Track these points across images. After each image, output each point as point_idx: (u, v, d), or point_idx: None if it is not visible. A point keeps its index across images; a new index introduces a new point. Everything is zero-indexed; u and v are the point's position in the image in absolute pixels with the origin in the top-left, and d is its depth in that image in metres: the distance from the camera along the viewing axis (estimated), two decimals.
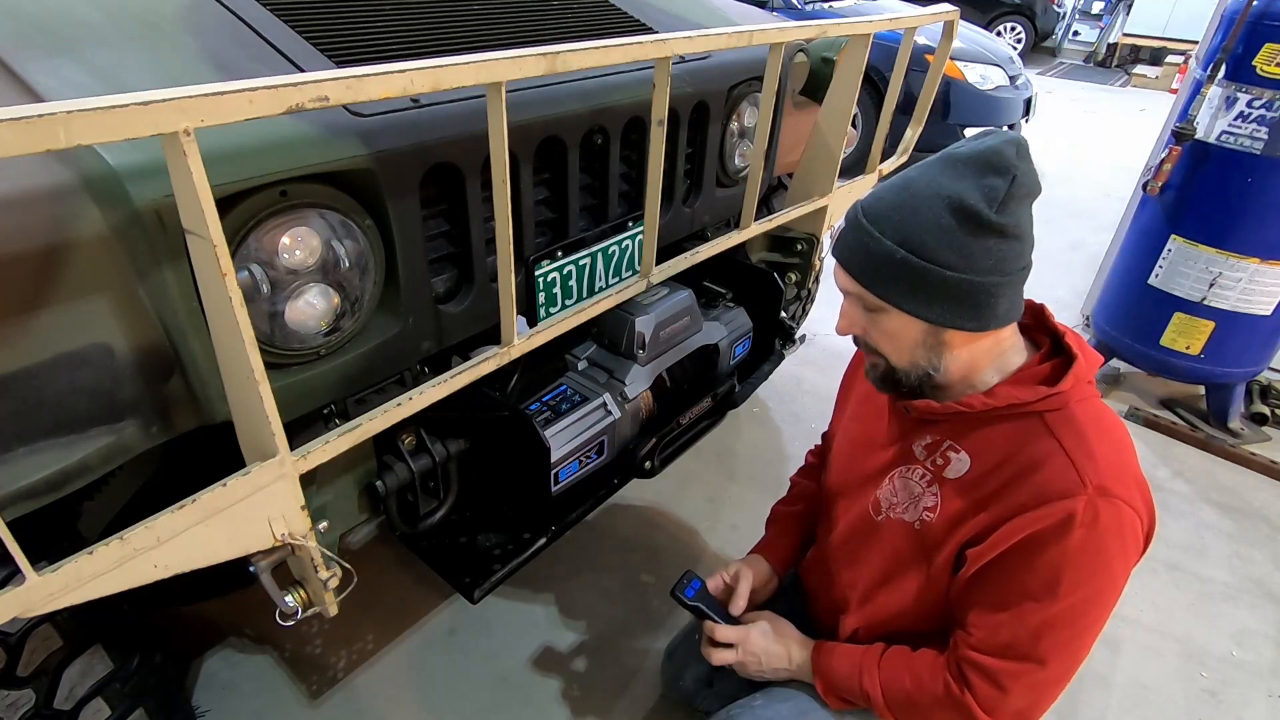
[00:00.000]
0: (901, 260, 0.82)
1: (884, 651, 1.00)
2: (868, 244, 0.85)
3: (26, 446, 0.73)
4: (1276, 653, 1.77)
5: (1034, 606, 0.84)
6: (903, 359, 0.91)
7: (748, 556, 1.30)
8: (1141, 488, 0.85)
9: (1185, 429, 2.53)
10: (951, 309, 0.83)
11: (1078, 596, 0.83)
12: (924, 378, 0.92)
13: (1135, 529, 0.83)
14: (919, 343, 0.88)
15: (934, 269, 0.81)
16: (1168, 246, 2.36)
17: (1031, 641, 0.86)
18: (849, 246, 0.87)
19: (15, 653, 0.99)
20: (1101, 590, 0.84)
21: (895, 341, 0.89)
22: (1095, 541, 0.81)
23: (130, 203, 0.72)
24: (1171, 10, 9.50)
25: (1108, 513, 0.80)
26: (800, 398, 2.60)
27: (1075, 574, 0.82)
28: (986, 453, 0.90)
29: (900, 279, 0.83)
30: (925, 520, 0.94)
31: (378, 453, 1.11)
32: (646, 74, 1.27)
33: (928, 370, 0.91)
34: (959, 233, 0.80)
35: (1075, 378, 0.87)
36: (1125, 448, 0.87)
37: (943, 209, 0.80)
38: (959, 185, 0.80)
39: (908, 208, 0.82)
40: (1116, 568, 0.83)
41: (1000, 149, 0.80)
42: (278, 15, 0.99)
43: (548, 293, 1.23)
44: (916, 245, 0.81)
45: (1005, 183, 0.79)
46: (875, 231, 0.84)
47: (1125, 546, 0.82)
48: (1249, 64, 2.08)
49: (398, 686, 1.57)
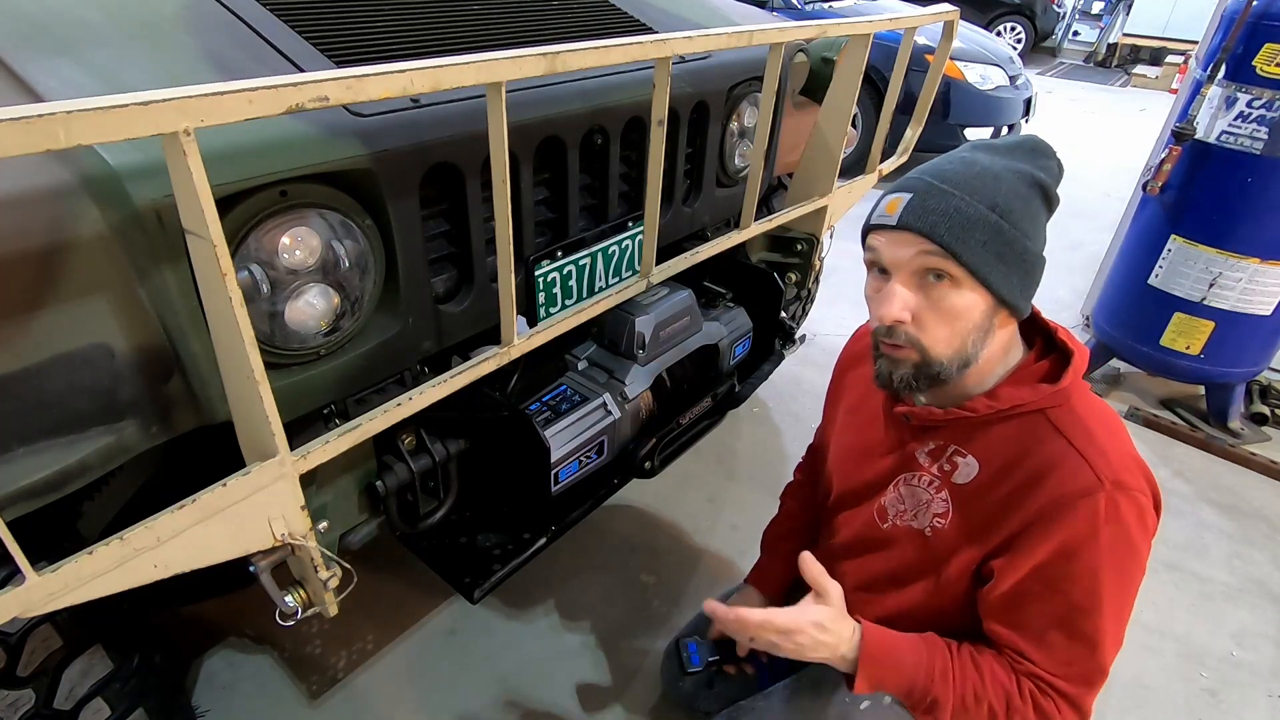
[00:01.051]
0: (994, 224, 0.81)
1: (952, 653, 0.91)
2: (958, 207, 0.80)
3: (26, 446, 0.73)
4: (1276, 653, 1.77)
5: (1084, 617, 0.85)
6: (952, 345, 0.85)
7: (741, 590, 1.32)
8: (1143, 469, 0.86)
9: (1185, 429, 2.53)
10: (1023, 283, 0.84)
11: (1119, 591, 0.84)
12: (957, 372, 0.87)
13: (1150, 512, 0.85)
14: (977, 324, 0.84)
15: (1020, 236, 0.82)
16: (1168, 246, 2.36)
17: (1090, 652, 0.86)
18: (931, 211, 0.81)
19: (15, 653, 0.99)
20: (1135, 576, 0.86)
21: (955, 322, 0.84)
22: (1123, 534, 0.82)
23: (130, 203, 0.72)
24: (1171, 10, 9.50)
25: (1126, 504, 0.81)
26: (800, 398, 2.60)
27: (1112, 572, 0.83)
28: (993, 456, 0.90)
29: (989, 244, 0.81)
30: (936, 527, 0.94)
31: (378, 453, 1.11)
32: (646, 74, 1.27)
33: (968, 360, 0.86)
34: (1035, 203, 0.83)
35: (1074, 373, 0.88)
36: (1122, 435, 0.88)
37: (1020, 180, 0.82)
38: (1023, 164, 0.83)
39: (989, 175, 0.82)
40: (1143, 551, 0.85)
41: (1037, 138, 0.85)
42: (278, 15, 0.99)
43: (548, 293, 1.23)
44: (1006, 210, 0.81)
45: (1056, 165, 0.84)
46: (963, 195, 0.81)
47: (1146, 531, 0.84)
48: (1249, 64, 2.08)
49: (398, 686, 1.57)
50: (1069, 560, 0.83)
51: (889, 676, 0.90)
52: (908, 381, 0.89)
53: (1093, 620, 0.84)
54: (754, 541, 1.40)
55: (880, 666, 0.89)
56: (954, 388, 0.92)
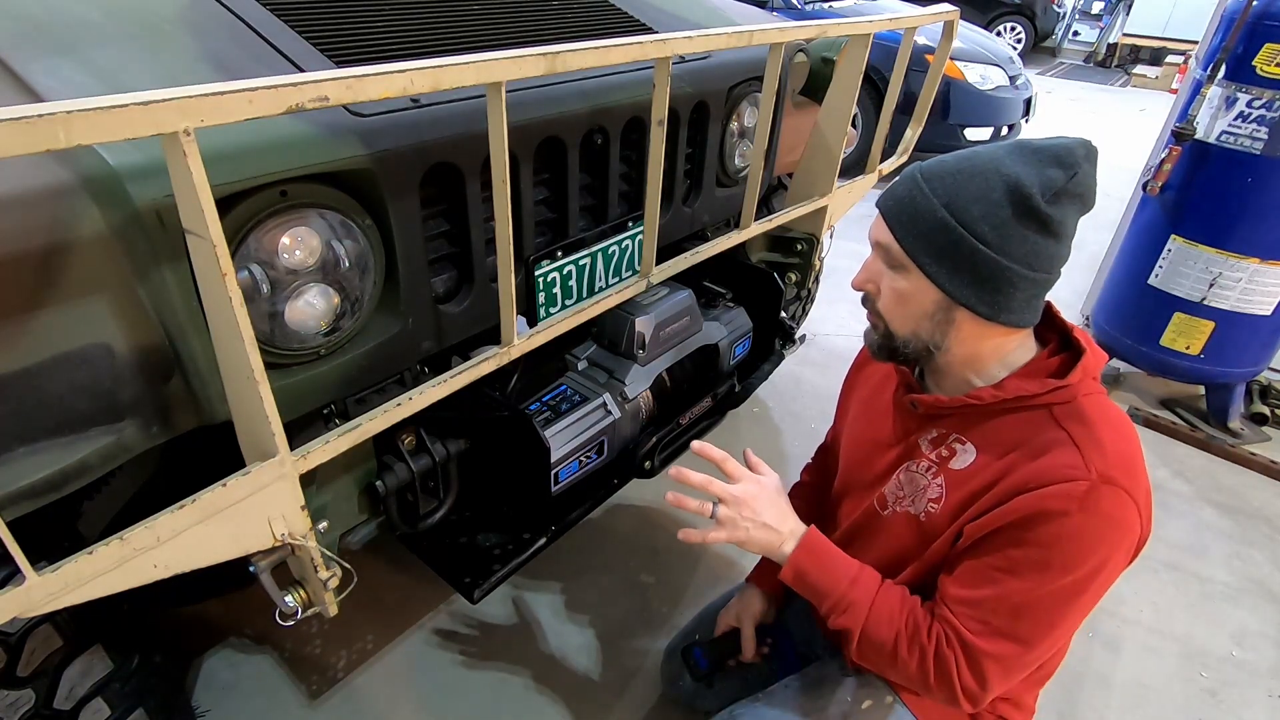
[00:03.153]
0: (940, 220, 0.83)
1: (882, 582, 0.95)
2: (914, 197, 0.85)
3: (26, 446, 0.73)
4: (1276, 653, 1.77)
5: (1021, 585, 0.83)
6: (906, 326, 0.90)
7: (743, 591, 1.32)
8: (1145, 487, 0.84)
9: (1185, 429, 2.53)
10: (971, 286, 0.84)
11: (1068, 575, 0.82)
12: (923, 352, 0.91)
13: (1133, 523, 0.82)
14: (927, 314, 0.88)
15: (968, 238, 0.82)
16: (1168, 246, 2.36)
17: (1013, 620, 0.85)
18: (895, 197, 0.88)
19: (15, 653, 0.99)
20: (1095, 572, 0.82)
21: (905, 306, 0.89)
22: (1092, 527, 0.80)
23: (130, 203, 0.72)
24: (1171, 10, 9.50)
25: (1109, 500, 0.80)
26: (800, 398, 2.60)
27: (1066, 556, 0.81)
28: (993, 445, 0.90)
29: (933, 239, 0.84)
30: (930, 512, 0.94)
31: (378, 453, 1.11)
32: (646, 74, 1.27)
33: (929, 345, 0.90)
34: (1005, 211, 0.81)
35: (1083, 371, 0.87)
36: (1132, 444, 0.86)
37: (997, 184, 0.82)
38: (1020, 168, 0.82)
39: (964, 174, 0.83)
40: (1110, 553, 0.82)
41: (1072, 147, 0.82)
42: (278, 15, 0.99)
43: (548, 293, 1.23)
44: (959, 210, 0.82)
45: (1065, 177, 0.80)
46: (925, 189, 0.84)
47: (1121, 538, 0.82)
48: (1249, 64, 2.08)
49: (398, 686, 1.57)
50: (1026, 529, 0.82)
51: (816, 570, 0.95)
52: (875, 348, 0.97)
53: (1029, 590, 0.83)
54: None
55: (814, 556, 0.96)
56: (952, 376, 0.94)
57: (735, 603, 1.30)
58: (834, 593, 0.94)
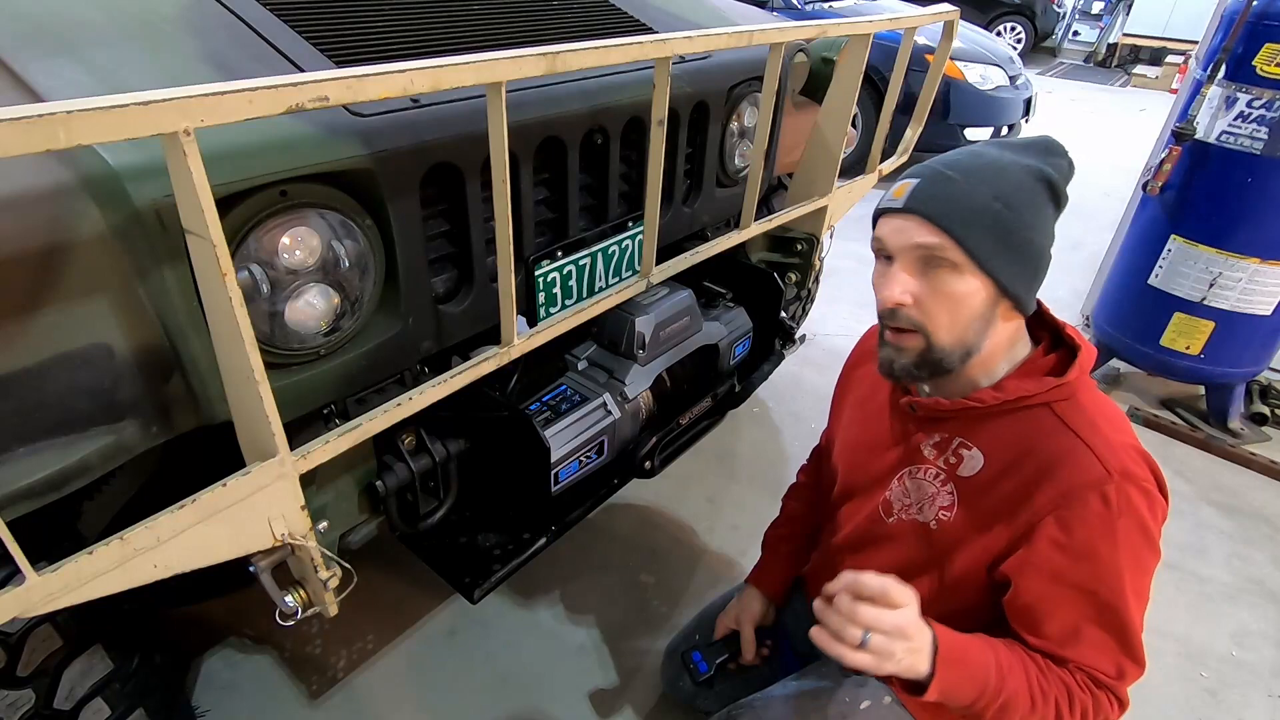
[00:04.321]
0: (996, 213, 0.82)
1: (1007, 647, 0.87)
2: (964, 193, 0.82)
3: (26, 446, 0.73)
4: (1276, 653, 1.77)
5: (1113, 613, 0.85)
6: (954, 332, 0.86)
7: (742, 593, 1.32)
8: (1147, 458, 0.87)
9: (1185, 429, 2.53)
10: (1025, 274, 0.85)
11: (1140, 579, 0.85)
12: (959, 362, 0.88)
13: (1158, 498, 0.85)
14: (978, 313, 0.85)
15: (1023, 227, 0.83)
16: (1168, 246, 2.36)
17: (1122, 643, 0.86)
18: (935, 197, 0.83)
19: (15, 653, 0.99)
20: (1151, 562, 0.86)
21: (955, 310, 0.84)
22: (1136, 524, 0.83)
23: (130, 203, 0.72)
24: (1171, 10, 9.50)
25: (1136, 494, 0.82)
26: (800, 398, 2.60)
27: (1131, 562, 0.83)
28: (999, 449, 0.90)
29: (990, 232, 0.82)
30: (941, 520, 0.94)
31: (378, 453, 1.11)
32: (646, 74, 1.27)
33: (970, 350, 0.87)
34: (1040, 198, 0.84)
35: (1080, 368, 0.88)
36: (1126, 428, 0.89)
37: (1027, 174, 0.84)
38: (1030, 160, 0.85)
39: (995, 168, 0.84)
40: (1156, 536, 0.85)
41: (1050, 138, 0.86)
42: (278, 15, 0.99)
43: (548, 293, 1.23)
44: (1010, 200, 0.83)
45: (1066, 164, 0.86)
46: (966, 184, 0.83)
47: (1156, 517, 0.85)
48: (1249, 64, 2.08)
49: (398, 686, 1.57)
50: (1091, 561, 0.83)
51: (962, 679, 0.83)
52: (909, 370, 0.90)
53: (1122, 614, 0.85)
54: (754, 541, 1.40)
55: (955, 669, 0.82)
56: (958, 379, 0.92)
57: (734, 605, 1.30)
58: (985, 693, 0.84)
